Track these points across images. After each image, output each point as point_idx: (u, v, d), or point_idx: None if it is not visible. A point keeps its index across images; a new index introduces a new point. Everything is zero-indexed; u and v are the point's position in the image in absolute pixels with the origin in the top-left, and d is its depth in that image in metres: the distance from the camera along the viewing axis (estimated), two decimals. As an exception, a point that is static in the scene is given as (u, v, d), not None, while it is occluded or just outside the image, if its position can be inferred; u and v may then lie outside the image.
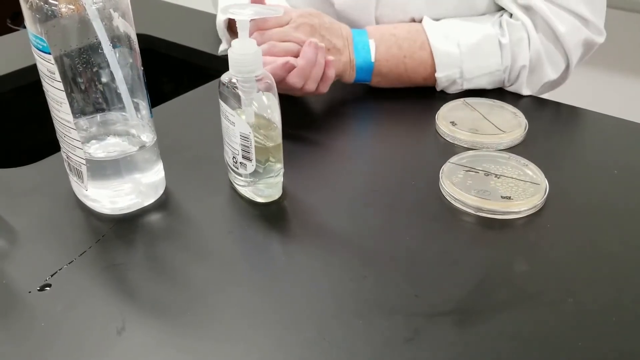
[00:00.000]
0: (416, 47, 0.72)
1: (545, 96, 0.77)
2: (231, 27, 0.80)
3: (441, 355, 0.41)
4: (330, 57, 0.67)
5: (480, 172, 0.59)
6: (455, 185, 0.56)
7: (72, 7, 0.45)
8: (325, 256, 0.50)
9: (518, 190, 0.56)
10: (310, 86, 0.66)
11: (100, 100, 0.50)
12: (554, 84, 0.77)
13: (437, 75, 0.73)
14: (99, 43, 0.46)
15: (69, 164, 0.53)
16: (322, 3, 0.79)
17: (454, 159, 0.61)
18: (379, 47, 0.72)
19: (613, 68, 1.52)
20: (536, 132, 0.67)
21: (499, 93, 0.76)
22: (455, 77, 0.73)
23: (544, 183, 0.57)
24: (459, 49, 0.71)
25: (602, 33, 0.74)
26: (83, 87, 0.49)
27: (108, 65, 0.48)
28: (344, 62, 0.71)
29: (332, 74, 0.67)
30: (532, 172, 0.59)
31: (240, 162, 0.53)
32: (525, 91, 0.75)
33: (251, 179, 0.54)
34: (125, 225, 0.53)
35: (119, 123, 0.53)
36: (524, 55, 0.72)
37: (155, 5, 1.09)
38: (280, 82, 0.64)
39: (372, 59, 0.72)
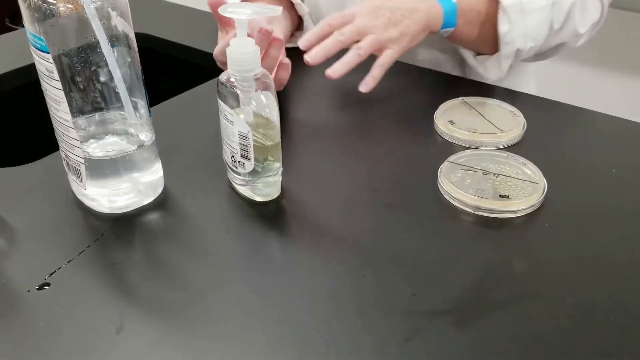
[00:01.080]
0: None
1: (544, 95, 0.77)
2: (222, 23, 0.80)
3: (440, 355, 0.41)
4: (287, 60, 0.68)
5: (478, 171, 0.59)
6: (454, 184, 0.56)
7: (70, 6, 0.45)
8: (323, 255, 0.50)
9: (516, 189, 0.56)
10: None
11: (98, 99, 0.50)
12: (596, 27, 0.80)
13: (503, 3, 0.73)
14: (98, 42, 0.46)
15: (67, 163, 0.53)
16: None
17: (452, 157, 0.61)
18: None
19: (613, 67, 1.52)
20: (535, 131, 0.67)
21: (498, 92, 0.76)
22: (519, 8, 0.73)
23: (543, 182, 0.57)
24: None
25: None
26: (81, 86, 0.49)
27: (106, 65, 0.48)
28: (426, 12, 0.72)
29: (284, 75, 0.69)
30: (531, 171, 0.59)
31: (238, 161, 0.53)
32: (581, 29, 0.77)
33: (250, 178, 0.54)
34: (124, 224, 0.53)
35: (118, 122, 0.53)
36: None
37: (153, 5, 1.09)
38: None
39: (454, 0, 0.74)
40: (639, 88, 1.51)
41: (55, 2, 0.45)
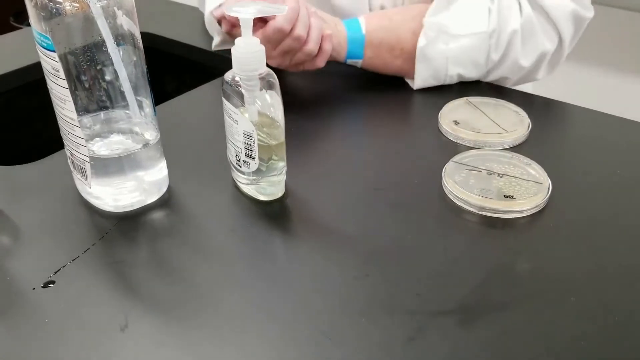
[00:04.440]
0: (408, 18, 0.73)
1: (548, 95, 0.77)
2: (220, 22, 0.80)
3: (443, 354, 0.41)
4: (328, 31, 0.69)
5: (483, 171, 0.59)
6: (458, 184, 0.56)
7: (76, 5, 0.46)
8: (327, 254, 0.50)
9: (521, 189, 0.56)
10: (312, 46, 0.67)
11: (104, 98, 0.50)
12: (552, 61, 0.76)
13: (424, 20, 0.71)
14: (103, 41, 0.47)
15: (72, 161, 0.53)
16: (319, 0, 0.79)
17: (456, 157, 0.61)
18: (370, 21, 0.73)
19: (615, 68, 1.51)
20: (539, 132, 0.67)
21: (503, 92, 0.76)
22: (441, 28, 0.71)
23: (547, 182, 0.57)
24: (449, 11, 0.72)
25: (590, 8, 0.74)
26: (87, 85, 0.49)
27: (112, 63, 0.48)
28: (334, 36, 0.71)
29: (329, 47, 0.69)
30: (535, 171, 0.59)
31: (243, 160, 0.53)
32: (523, 61, 0.73)
33: (254, 177, 0.54)
34: (129, 223, 0.53)
35: (123, 121, 0.53)
36: (515, 20, 0.71)
37: (159, 4, 1.09)
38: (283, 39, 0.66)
39: (363, 31, 0.73)
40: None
41: (61, 0, 0.45)
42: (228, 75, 0.51)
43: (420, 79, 0.74)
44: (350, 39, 0.72)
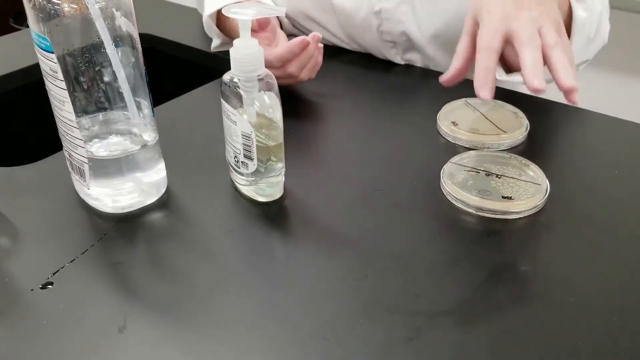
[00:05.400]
0: None
1: (546, 96, 0.77)
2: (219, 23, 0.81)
3: (442, 355, 0.41)
4: (320, 45, 0.70)
5: (481, 172, 0.59)
6: (456, 185, 0.56)
7: (74, 6, 0.46)
8: (326, 255, 0.50)
9: (519, 190, 0.56)
10: (305, 75, 0.71)
11: (102, 99, 0.50)
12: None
13: None
14: (102, 42, 0.47)
15: (71, 162, 0.53)
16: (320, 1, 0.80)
17: (455, 159, 0.61)
18: None
19: (614, 68, 1.51)
20: (537, 132, 0.67)
21: (501, 93, 0.76)
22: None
23: (545, 183, 0.57)
24: None
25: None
26: (85, 86, 0.49)
27: (110, 65, 0.48)
28: None
29: (321, 60, 0.72)
30: (533, 172, 0.59)
31: (241, 162, 0.53)
32: (606, 37, 0.75)
33: (252, 178, 0.54)
34: (127, 224, 0.53)
35: (121, 122, 0.53)
36: (598, 2, 0.72)
37: (157, 5, 1.09)
38: (282, 68, 0.68)
39: None
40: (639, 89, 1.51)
41: (59, 2, 0.45)
42: (226, 77, 0.51)
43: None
44: None
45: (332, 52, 0.86)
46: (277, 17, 0.84)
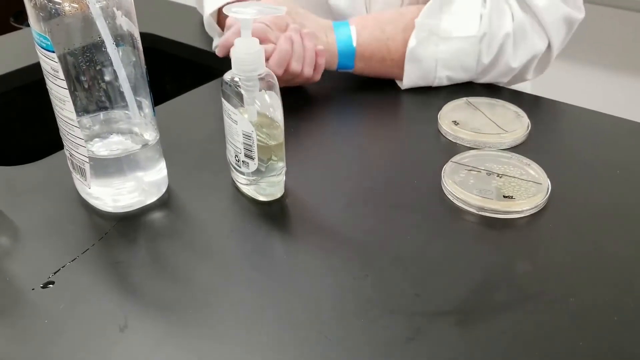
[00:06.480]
0: (400, 29, 0.72)
1: (547, 95, 0.77)
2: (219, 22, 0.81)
3: (442, 355, 0.41)
4: (321, 47, 0.69)
5: (482, 171, 0.59)
6: (458, 185, 0.56)
7: (75, 5, 0.46)
8: (326, 255, 0.50)
9: (520, 189, 0.56)
10: (307, 70, 0.69)
11: (103, 98, 0.50)
12: (542, 62, 0.76)
13: (416, 21, 0.71)
14: (103, 41, 0.47)
15: (72, 161, 0.53)
16: (317, 1, 0.79)
17: (456, 158, 0.61)
18: (361, 32, 0.72)
19: (615, 68, 1.51)
20: (539, 132, 0.67)
21: (502, 92, 0.76)
22: (432, 29, 0.71)
23: (546, 183, 0.57)
24: (441, 13, 0.72)
25: (581, 9, 0.74)
26: (86, 86, 0.49)
27: (111, 64, 0.48)
28: (326, 49, 0.71)
29: (322, 62, 0.70)
30: (535, 171, 0.59)
31: (242, 161, 0.53)
32: (514, 64, 0.73)
33: (253, 178, 0.54)
34: (128, 223, 0.53)
35: (122, 121, 0.53)
36: (507, 24, 0.71)
37: (158, 4, 1.09)
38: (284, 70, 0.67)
39: (354, 44, 0.72)
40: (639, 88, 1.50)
41: (60, 1, 0.45)
42: (227, 76, 0.51)
43: (408, 79, 0.74)
44: (341, 51, 0.72)
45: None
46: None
